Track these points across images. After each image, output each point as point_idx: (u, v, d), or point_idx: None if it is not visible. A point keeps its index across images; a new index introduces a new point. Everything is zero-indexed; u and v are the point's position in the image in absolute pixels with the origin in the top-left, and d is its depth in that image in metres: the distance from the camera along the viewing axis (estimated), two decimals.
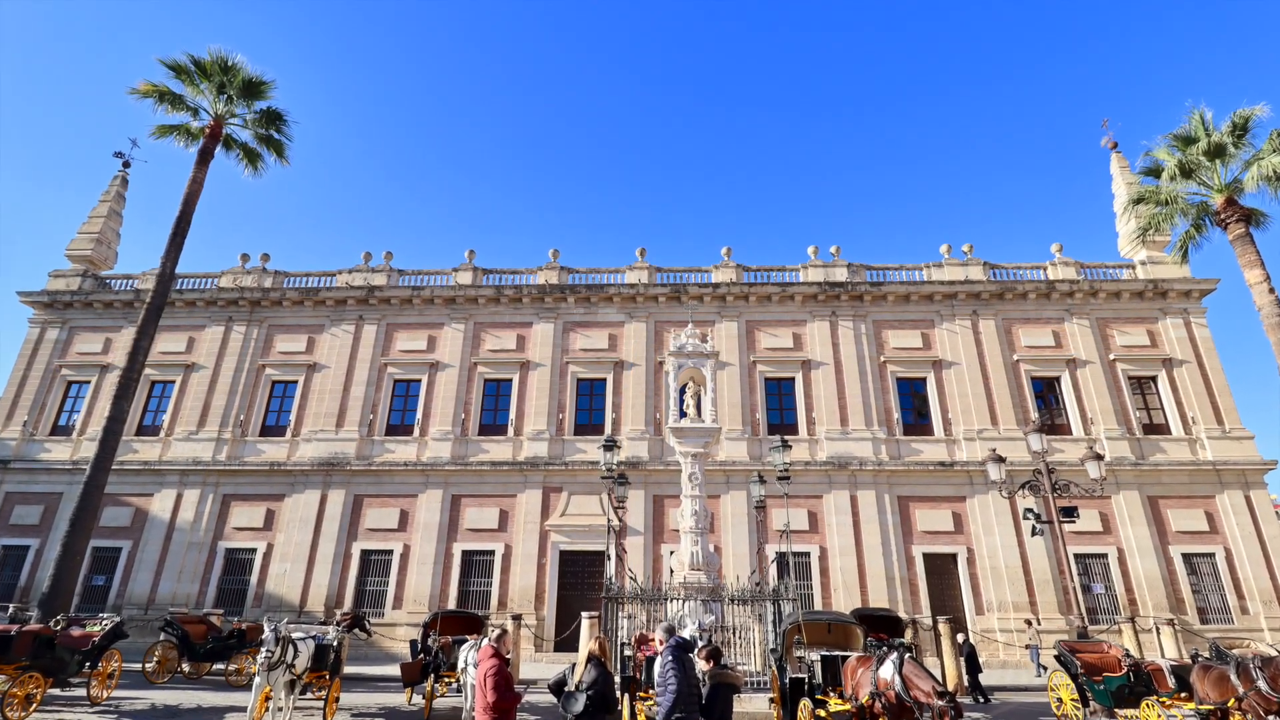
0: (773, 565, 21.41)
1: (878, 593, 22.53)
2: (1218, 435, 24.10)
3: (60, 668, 12.34)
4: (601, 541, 22.14)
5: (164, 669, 15.86)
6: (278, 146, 22.08)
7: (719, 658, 6.84)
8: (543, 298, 27.77)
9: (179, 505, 24.93)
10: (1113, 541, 23.15)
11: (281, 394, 27.26)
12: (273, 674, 10.43)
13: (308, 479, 25.10)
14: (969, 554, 23.26)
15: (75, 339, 28.21)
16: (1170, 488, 23.66)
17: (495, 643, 6.44)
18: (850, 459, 24.38)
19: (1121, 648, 12.64)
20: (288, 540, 24.30)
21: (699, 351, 17.50)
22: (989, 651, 21.32)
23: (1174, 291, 26.36)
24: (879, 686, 8.62)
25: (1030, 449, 18.73)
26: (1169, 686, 11.23)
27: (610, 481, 18.28)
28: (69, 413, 27.21)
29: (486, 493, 24.84)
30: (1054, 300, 26.84)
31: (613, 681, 6.60)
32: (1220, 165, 18.70)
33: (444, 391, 26.53)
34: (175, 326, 28.00)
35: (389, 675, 17.59)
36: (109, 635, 13.46)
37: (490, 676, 6.04)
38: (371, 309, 28.17)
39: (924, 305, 27.15)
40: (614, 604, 13.97)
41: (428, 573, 23.60)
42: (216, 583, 24.00)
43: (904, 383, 26.27)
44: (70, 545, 16.60)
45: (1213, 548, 22.84)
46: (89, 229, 30.33)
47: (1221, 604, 22.24)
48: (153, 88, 20.33)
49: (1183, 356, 25.48)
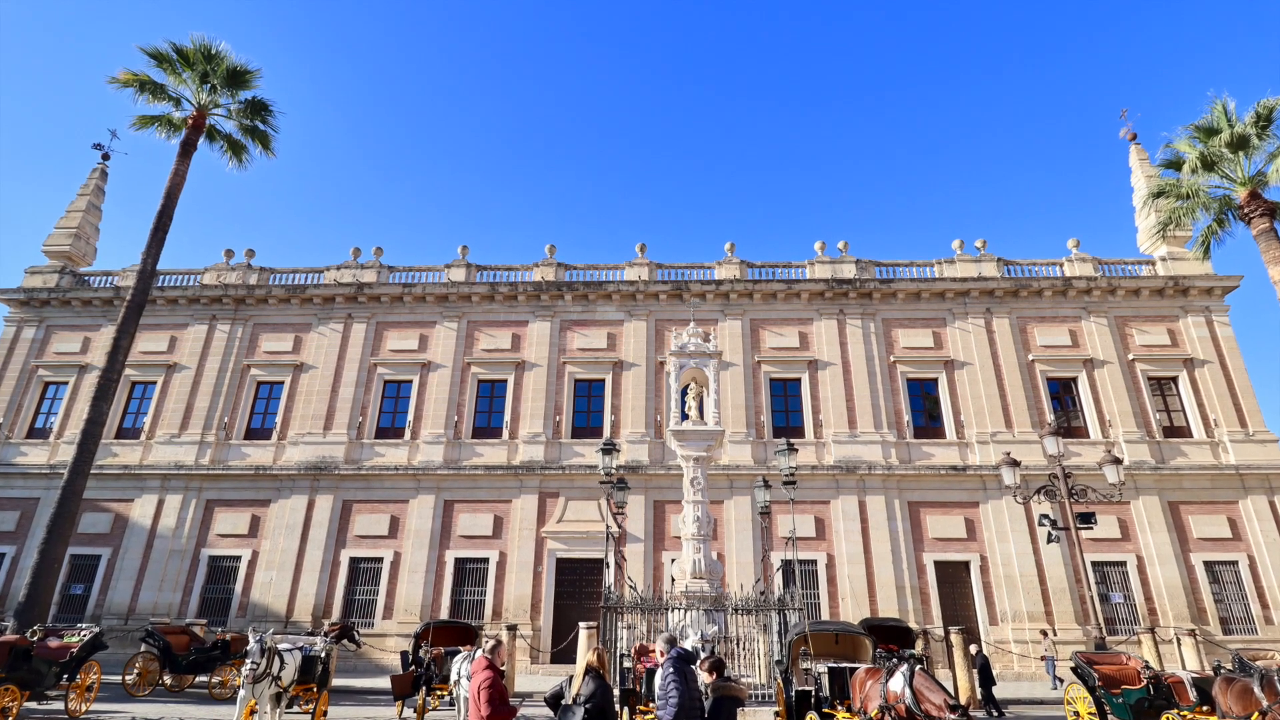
0: (778, 573, 21.39)
1: (887, 602, 22.53)
2: (1240, 438, 24.10)
3: (37, 680, 12.33)
4: (600, 549, 22.13)
5: (145, 681, 15.85)
6: (263, 138, 22.09)
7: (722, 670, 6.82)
8: (539, 295, 27.77)
9: (160, 511, 24.93)
10: (1131, 549, 23.15)
11: (267, 395, 27.26)
12: (258, 687, 10.41)
13: (294, 484, 25.10)
14: (982, 562, 23.26)
15: (53, 338, 28.21)
16: (1191, 493, 23.66)
17: (489, 654, 6.44)
18: (859, 463, 24.38)
19: (1141, 659, 12.64)
20: (274, 547, 24.30)
21: (701, 351, 17.50)
22: (1003, 663, 21.31)
23: (1195, 289, 26.36)
24: (889, 700, 8.61)
25: (1046, 452, 18.76)
26: (1190, 700, 11.22)
27: (609, 486, 18.29)
28: (46, 415, 27.21)
29: (480, 498, 24.84)
30: (1070, 298, 26.84)
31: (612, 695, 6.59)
32: (1243, 157, 18.70)
33: (436, 393, 26.53)
34: (157, 325, 28.00)
35: (379, 688, 17.58)
36: (88, 646, 13.46)
37: (484, 689, 6.03)
38: (361, 307, 28.17)
39: (935, 303, 27.16)
40: (613, 614, 13.98)
41: (419, 581, 23.60)
42: (199, 592, 24.00)
43: (914, 384, 26.27)
44: (47, 553, 16.60)
45: (1235, 555, 22.85)
46: (67, 224, 30.33)
47: (1245, 614, 22.24)
48: (133, 77, 20.32)
49: (1204, 356, 25.48)
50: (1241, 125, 18.52)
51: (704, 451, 16.43)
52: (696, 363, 17.62)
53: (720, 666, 6.82)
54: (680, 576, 15.74)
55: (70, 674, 12.99)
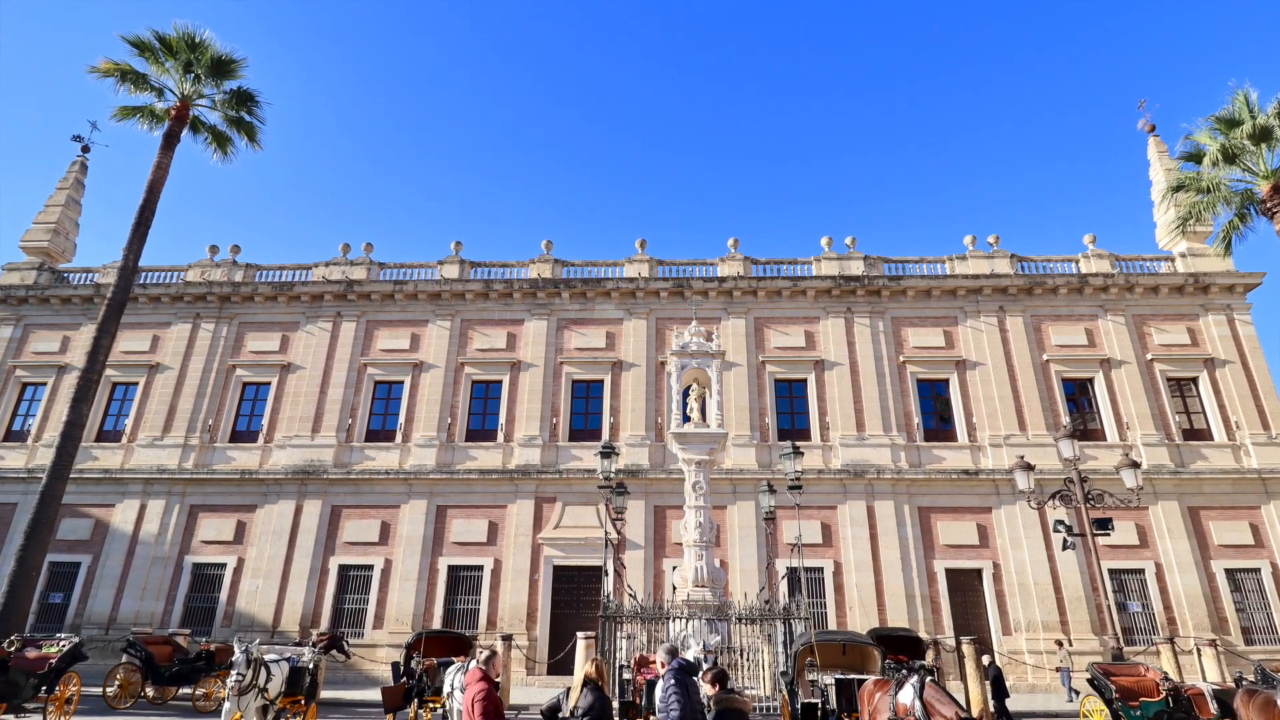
0: (783, 581, 21.40)
1: (896, 611, 22.53)
2: (1263, 441, 24.11)
3: (14, 692, 12.33)
4: (598, 556, 22.12)
5: (126, 693, 15.87)
6: (249, 129, 22.11)
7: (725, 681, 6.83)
8: (535, 293, 27.78)
9: (142, 517, 24.93)
10: (1150, 556, 23.15)
11: (253, 396, 27.26)
12: (244, 699, 10.42)
13: (281, 488, 25.10)
14: (995, 569, 23.26)
15: (31, 337, 28.22)
16: (1212, 498, 23.66)
17: (484, 665, 6.43)
18: (867, 467, 24.39)
19: (1160, 670, 12.66)
20: (260, 554, 24.30)
21: (704, 351, 17.52)
22: (1017, 674, 21.31)
23: (1216, 286, 26.37)
24: (898, 712, 8.61)
25: (1061, 456, 18.73)
26: (1211, 713, 11.23)
27: (608, 491, 18.30)
28: (24, 417, 27.21)
29: (474, 503, 24.85)
30: (1087, 295, 26.84)
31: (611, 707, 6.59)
32: (1266, 150, 18.73)
33: (428, 394, 26.54)
34: (138, 324, 28.01)
35: (369, 700, 17.60)
36: (67, 657, 13.45)
37: (479, 702, 6.03)
38: (350, 305, 28.18)
39: (946, 301, 27.17)
40: (612, 623, 14.00)
41: (411, 589, 23.60)
42: (183, 600, 24.00)
43: (925, 384, 26.27)
44: (25, 560, 16.60)
45: (1258, 562, 22.85)
46: (45, 219, 30.36)
47: (1267, 623, 22.24)
48: (114, 66, 20.34)
49: (1225, 356, 25.49)
50: (1264, 116, 18.55)
51: (706, 455, 16.45)
52: (698, 363, 17.64)
53: (723, 678, 6.82)
54: (682, 584, 15.77)
55: (49, 686, 12.99)
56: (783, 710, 12.15)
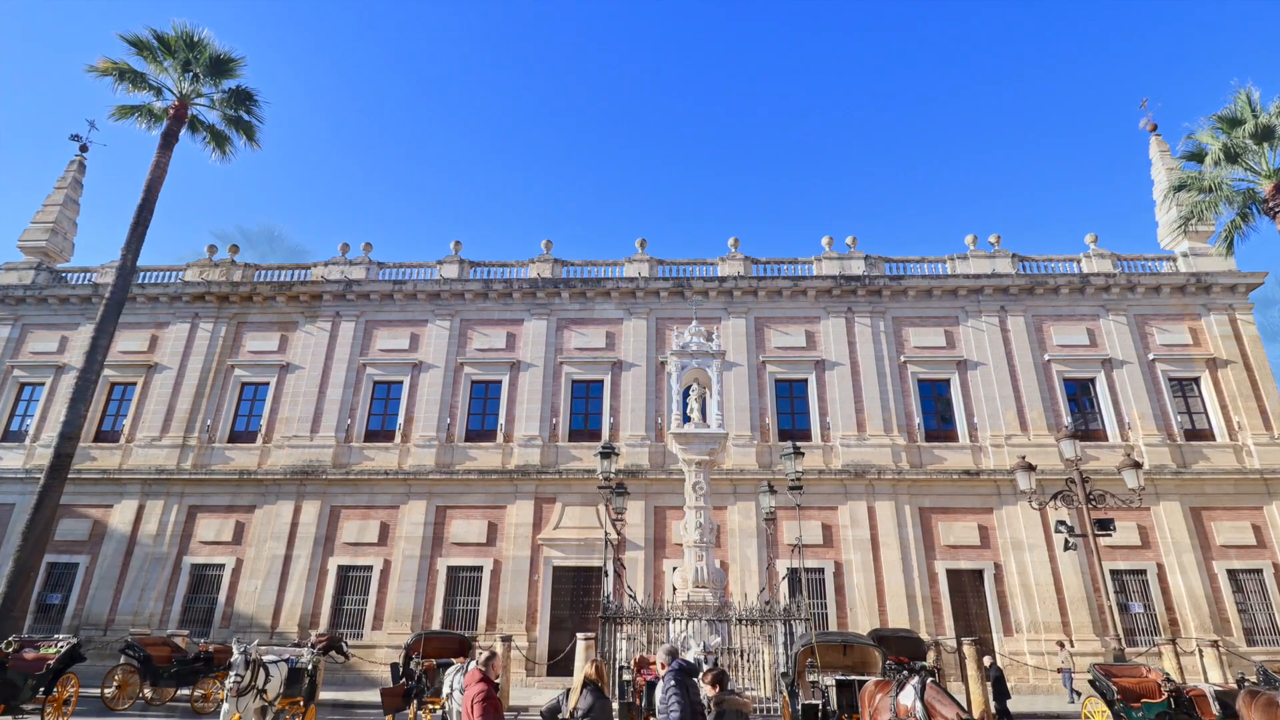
0: (783, 582, 21.41)
1: (897, 612, 22.54)
2: (1265, 441, 24.11)
3: (12, 693, 12.35)
4: (598, 556, 22.14)
5: (124, 695, 15.87)
6: (247, 128, 22.13)
7: (725, 683, 6.85)
8: (534, 293, 27.79)
9: (141, 517, 24.93)
10: (1152, 556, 23.17)
11: (252, 397, 27.26)
12: (242, 700, 10.44)
13: (280, 489, 25.11)
14: (996, 570, 23.27)
15: (28, 337, 28.22)
16: (1214, 498, 23.67)
17: (483, 666, 6.45)
18: (868, 467, 24.40)
19: (1161, 672, 12.68)
20: (258, 555, 24.31)
21: (704, 350, 17.53)
22: (1018, 675, 21.32)
23: (1218, 286, 26.37)
24: (899, 714, 8.63)
25: (1063, 456, 18.76)
26: (1213, 714, 11.25)
27: (608, 491, 18.30)
28: (21, 417, 27.21)
29: (474, 503, 24.86)
30: (1088, 295, 26.85)
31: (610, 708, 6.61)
32: (1269, 149, 18.76)
33: (428, 394, 26.54)
34: (137, 324, 28.01)
35: (368, 701, 17.61)
36: (65, 658, 13.47)
37: (478, 703, 6.04)
38: (349, 305, 28.18)
39: (948, 301, 27.18)
40: (612, 624, 14.01)
41: (410, 590, 23.61)
42: (181, 601, 24.00)
43: (926, 384, 26.28)
44: (23, 560, 16.62)
45: (1260, 563, 22.85)
46: (43, 218, 30.36)
47: (1270, 624, 22.24)
48: (112, 65, 20.36)
49: (1227, 356, 25.50)
50: (1266, 115, 18.57)
51: (706, 455, 16.46)
52: (699, 363, 17.65)
53: (723, 679, 6.84)
54: (682, 585, 15.78)
55: (47, 687, 13.01)
56: (783, 711, 12.17)
